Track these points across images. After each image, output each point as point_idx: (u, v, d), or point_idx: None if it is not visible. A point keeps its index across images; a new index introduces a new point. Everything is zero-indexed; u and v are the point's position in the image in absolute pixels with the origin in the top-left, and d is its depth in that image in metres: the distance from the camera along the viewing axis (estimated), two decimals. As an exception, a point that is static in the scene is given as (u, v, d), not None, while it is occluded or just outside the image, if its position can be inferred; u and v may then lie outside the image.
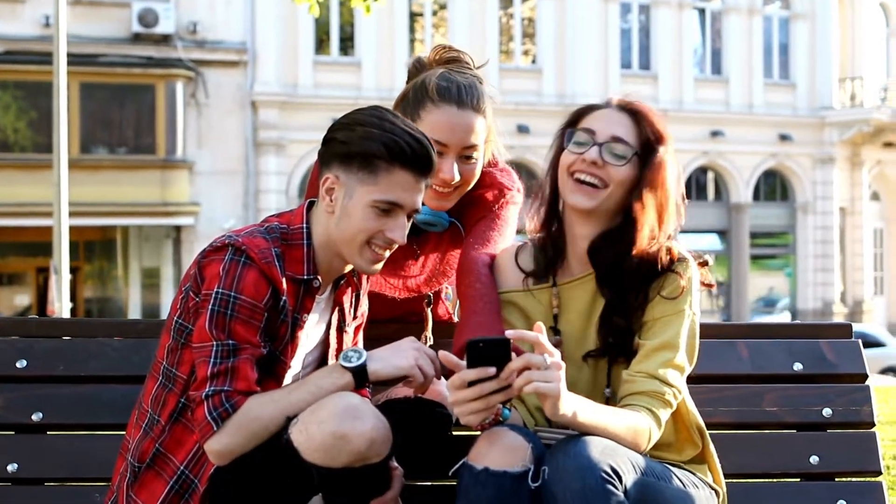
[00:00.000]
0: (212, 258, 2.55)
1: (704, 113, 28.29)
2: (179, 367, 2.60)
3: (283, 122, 24.65)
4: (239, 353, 2.50)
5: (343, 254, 2.63)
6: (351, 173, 2.57)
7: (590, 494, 2.32)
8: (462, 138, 2.86)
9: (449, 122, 2.85)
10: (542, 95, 26.58)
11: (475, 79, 2.94)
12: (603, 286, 2.70)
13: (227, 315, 2.50)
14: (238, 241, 2.54)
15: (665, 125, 2.75)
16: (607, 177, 2.67)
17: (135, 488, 2.61)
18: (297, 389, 2.54)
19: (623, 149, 2.68)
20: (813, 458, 3.04)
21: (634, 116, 2.72)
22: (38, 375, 3.01)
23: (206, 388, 2.49)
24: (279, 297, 2.55)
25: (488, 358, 2.34)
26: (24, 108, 23.03)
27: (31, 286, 25.00)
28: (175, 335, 2.61)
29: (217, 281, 2.51)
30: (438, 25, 27.25)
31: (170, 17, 23.45)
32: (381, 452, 2.45)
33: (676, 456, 2.73)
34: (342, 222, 2.59)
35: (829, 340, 3.17)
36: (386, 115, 2.61)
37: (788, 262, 30.85)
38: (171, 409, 2.61)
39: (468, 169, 2.91)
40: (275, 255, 2.55)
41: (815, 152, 29.74)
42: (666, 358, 2.62)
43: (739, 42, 28.97)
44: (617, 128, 2.70)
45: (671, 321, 2.65)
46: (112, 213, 23.30)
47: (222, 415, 2.48)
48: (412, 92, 2.91)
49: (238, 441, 2.48)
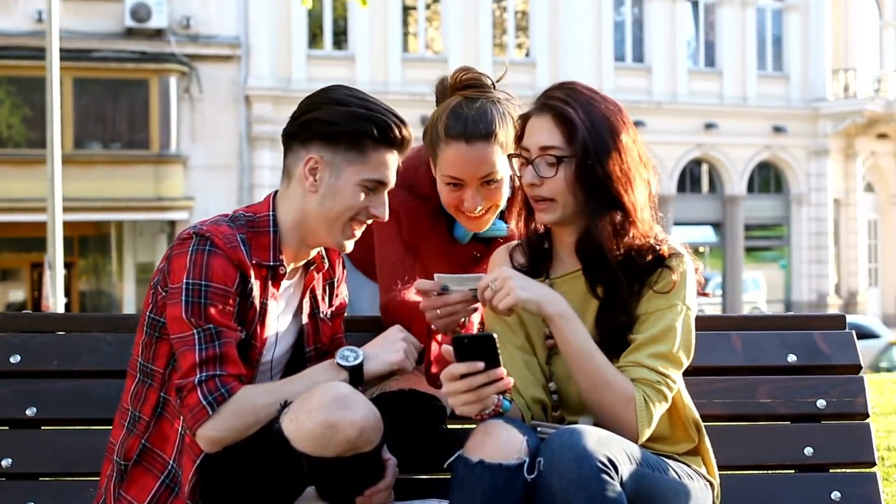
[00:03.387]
0: (178, 250, 2.57)
1: (698, 105, 28.31)
2: (155, 361, 2.62)
3: (277, 117, 24.60)
4: (222, 337, 2.52)
5: (320, 232, 2.66)
6: (338, 153, 2.61)
7: (586, 484, 2.32)
8: (475, 171, 2.91)
9: (459, 159, 2.90)
10: (537, 88, 25.92)
11: (488, 103, 2.94)
12: (594, 285, 2.69)
13: (201, 303, 2.51)
14: (202, 229, 2.56)
15: (591, 101, 2.66)
16: (551, 191, 2.64)
17: (124, 486, 2.62)
18: (293, 382, 2.57)
19: (551, 157, 2.64)
20: (807, 449, 3.04)
21: (554, 113, 2.65)
22: (32, 370, 3.01)
23: (196, 374, 2.49)
24: (247, 281, 2.57)
25: (474, 353, 2.38)
26: (17, 103, 22.99)
27: (25, 281, 24.98)
28: (149, 330, 2.62)
29: (185, 272, 2.53)
30: (432, 19, 27.23)
31: (163, 11, 23.40)
32: (372, 441, 2.46)
33: (672, 448, 2.73)
34: (327, 200, 2.62)
35: (823, 332, 3.17)
36: (364, 95, 2.65)
37: (783, 254, 30.89)
38: (154, 405, 2.62)
39: (492, 193, 2.95)
40: (240, 241, 2.57)
41: (809, 144, 29.77)
42: (657, 349, 2.61)
43: (733, 34, 28.98)
44: (541, 137, 2.66)
45: (663, 315, 2.64)
46: (106, 208, 23.29)
47: (218, 399, 2.49)
48: (430, 131, 2.97)
49: (231, 428, 2.49)
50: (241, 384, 2.52)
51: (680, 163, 28.39)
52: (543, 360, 2.73)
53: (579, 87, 2.70)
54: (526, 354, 2.73)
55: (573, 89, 2.70)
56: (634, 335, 2.64)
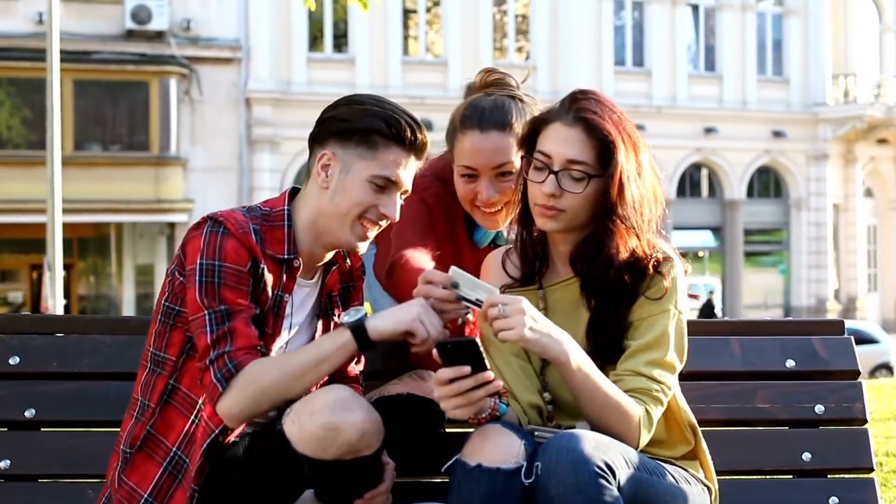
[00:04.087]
0: (193, 234, 2.60)
1: (698, 110, 28.33)
2: (168, 349, 2.64)
3: (277, 119, 24.65)
4: (234, 317, 2.53)
5: (332, 229, 2.66)
6: (349, 149, 2.63)
7: (583, 489, 2.32)
8: (488, 160, 2.91)
9: (473, 147, 2.91)
10: (537, 92, 26.27)
11: (508, 98, 2.96)
12: (589, 296, 2.69)
13: (214, 283, 2.53)
14: (217, 214, 2.61)
15: (619, 120, 2.64)
16: (568, 204, 2.62)
17: (126, 472, 2.63)
18: (299, 353, 2.57)
19: (579, 172, 2.60)
20: (805, 454, 3.04)
21: (587, 127, 2.60)
22: (32, 372, 3.01)
23: (209, 354, 2.52)
24: (258, 266, 2.58)
25: (459, 358, 2.38)
26: (17, 105, 23.01)
27: (24, 283, 24.98)
28: (163, 318, 2.64)
29: (199, 253, 2.55)
30: (432, 22, 27.25)
31: (163, 13, 23.42)
32: (373, 445, 2.46)
33: (668, 452, 2.73)
34: (337, 196, 2.64)
35: (822, 337, 3.17)
36: (383, 98, 2.68)
37: (782, 259, 30.90)
38: (161, 392, 2.64)
39: (507, 186, 2.95)
40: (252, 230, 2.59)
41: (808, 149, 29.78)
42: (653, 356, 2.61)
43: (733, 38, 29.00)
44: (570, 148, 2.60)
45: (656, 320, 2.64)
46: (106, 209, 23.29)
47: (226, 375, 2.50)
48: (450, 123, 2.98)
49: (244, 402, 2.50)
50: (253, 356, 2.53)
51: (680, 167, 28.40)
52: (538, 368, 2.73)
53: (605, 101, 2.67)
54: (521, 360, 2.73)
55: (601, 102, 2.65)
56: (629, 341, 2.64)
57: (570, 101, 2.67)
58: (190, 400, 2.62)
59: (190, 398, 2.61)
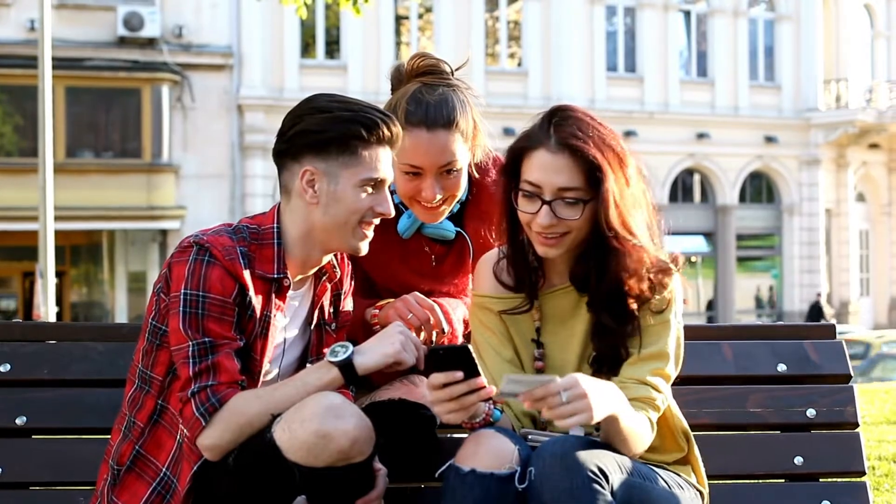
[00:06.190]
0: (178, 259, 2.58)
1: (690, 115, 28.35)
2: (154, 368, 2.63)
3: (270, 126, 24.58)
4: (217, 350, 2.52)
5: (332, 239, 2.65)
6: (330, 160, 2.60)
7: (577, 494, 2.33)
8: (435, 159, 2.88)
9: (419, 147, 2.86)
10: (528, 98, 26.57)
11: (449, 90, 2.92)
12: (596, 312, 2.68)
13: (198, 315, 2.52)
14: (203, 239, 2.57)
15: (602, 137, 2.61)
16: (566, 228, 2.62)
17: (115, 491, 2.63)
18: (283, 386, 2.57)
19: (572, 198, 2.60)
20: (797, 458, 3.04)
21: (573, 153, 2.59)
22: (23, 379, 3.01)
23: (191, 386, 2.51)
24: (245, 294, 2.57)
25: (452, 364, 2.38)
26: (9, 112, 22.97)
27: (16, 290, 24.93)
28: (150, 337, 2.63)
29: (183, 282, 2.54)
30: (424, 28, 27.26)
31: (155, 20, 23.40)
32: (364, 451, 2.46)
33: (661, 458, 2.74)
34: (331, 209, 2.62)
35: (813, 341, 3.18)
36: (344, 98, 2.65)
37: (775, 264, 30.91)
38: (150, 412, 2.63)
39: (451, 183, 2.93)
40: (239, 254, 2.57)
41: (800, 154, 29.82)
42: (655, 366, 2.65)
43: (725, 44, 29.03)
44: (559, 177, 2.59)
45: (659, 331, 2.67)
46: (98, 217, 23.24)
47: (209, 409, 2.50)
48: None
49: (226, 436, 2.51)
50: (235, 391, 2.53)
51: (672, 172, 28.42)
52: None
53: (583, 117, 2.64)
54: (515, 368, 2.73)
55: (580, 120, 2.63)
56: (631, 349, 2.65)
57: (549, 123, 2.65)
58: (178, 420, 2.60)
59: (178, 418, 2.60)
